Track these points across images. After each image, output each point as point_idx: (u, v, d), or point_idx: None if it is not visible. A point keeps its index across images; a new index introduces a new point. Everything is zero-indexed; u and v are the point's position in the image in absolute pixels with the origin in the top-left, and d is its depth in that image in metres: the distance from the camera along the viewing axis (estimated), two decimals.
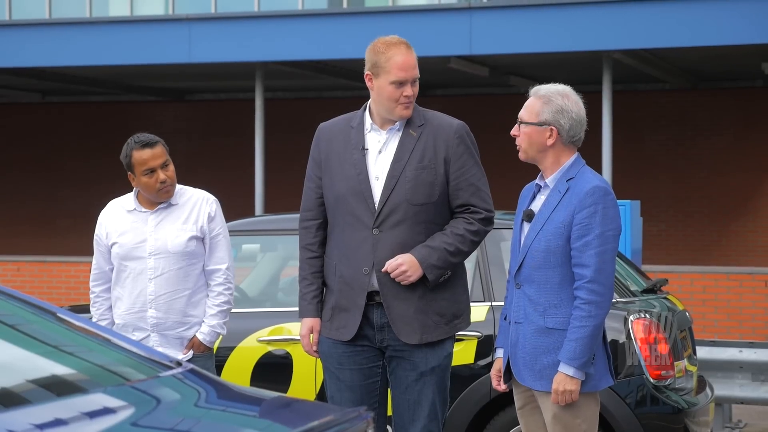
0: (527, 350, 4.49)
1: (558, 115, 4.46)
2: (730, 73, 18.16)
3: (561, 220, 4.42)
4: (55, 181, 22.18)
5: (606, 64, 14.43)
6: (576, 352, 4.35)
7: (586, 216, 4.38)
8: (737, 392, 8.51)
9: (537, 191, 4.59)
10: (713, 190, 19.23)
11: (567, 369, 4.38)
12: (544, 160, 4.52)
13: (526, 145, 4.52)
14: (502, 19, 14.45)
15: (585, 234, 4.38)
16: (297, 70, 16.49)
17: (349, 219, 4.72)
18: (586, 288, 4.37)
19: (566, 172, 4.50)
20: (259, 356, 6.46)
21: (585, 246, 4.38)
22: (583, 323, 4.35)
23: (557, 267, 4.43)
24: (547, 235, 4.44)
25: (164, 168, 5.29)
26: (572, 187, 4.45)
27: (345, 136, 4.80)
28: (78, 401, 2.94)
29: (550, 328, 4.44)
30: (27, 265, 16.04)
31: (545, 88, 4.54)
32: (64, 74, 17.92)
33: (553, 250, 4.43)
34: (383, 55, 4.71)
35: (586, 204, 4.39)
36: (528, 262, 4.48)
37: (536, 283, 4.46)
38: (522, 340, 4.50)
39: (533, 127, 4.49)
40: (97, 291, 5.46)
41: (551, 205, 4.47)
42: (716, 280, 13.40)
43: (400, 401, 4.79)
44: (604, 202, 4.41)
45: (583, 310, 4.36)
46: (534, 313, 4.47)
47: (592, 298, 4.36)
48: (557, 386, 4.39)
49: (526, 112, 4.53)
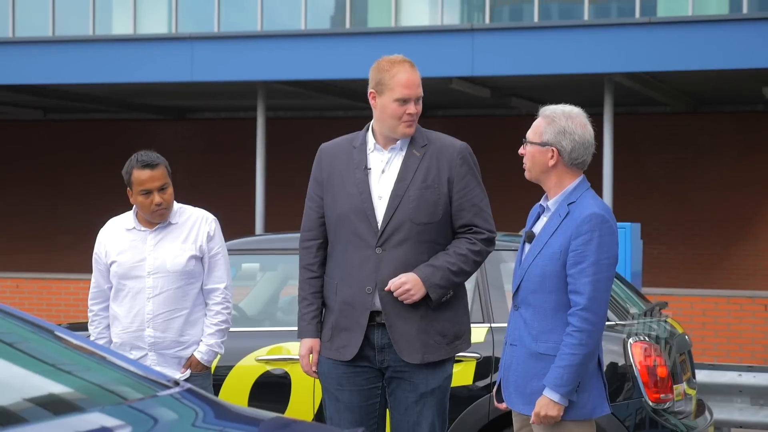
0: (519, 374, 4.48)
1: (560, 136, 4.44)
2: (731, 96, 18.20)
3: (558, 245, 4.40)
4: (55, 198, 22.19)
5: (607, 87, 14.46)
6: (563, 379, 4.33)
7: (582, 243, 4.36)
8: (736, 416, 8.49)
9: (541, 212, 4.59)
10: (714, 213, 19.23)
11: (552, 395, 4.36)
12: (547, 180, 4.51)
13: (530, 165, 4.52)
14: (503, 41, 14.49)
15: (580, 261, 4.36)
16: (299, 90, 16.52)
17: (351, 238, 4.72)
18: (579, 315, 4.34)
19: (568, 196, 4.48)
20: (257, 375, 6.45)
21: (580, 273, 4.35)
22: (573, 351, 4.32)
23: (552, 292, 4.41)
24: (544, 259, 4.43)
25: (162, 191, 5.28)
26: (572, 212, 4.43)
27: (347, 155, 4.81)
28: (75, 420, 2.93)
29: (541, 353, 4.41)
30: (26, 282, 16.03)
31: (551, 109, 4.53)
32: (66, 92, 17.95)
33: (549, 275, 4.41)
34: (387, 73, 4.72)
35: (582, 231, 4.37)
36: (525, 285, 4.48)
37: (532, 306, 4.45)
38: (515, 364, 4.49)
39: (536, 147, 4.48)
40: (96, 309, 5.45)
41: (550, 229, 4.46)
42: (716, 304, 13.38)
43: (399, 422, 4.78)
44: (600, 230, 4.38)
45: (575, 338, 4.33)
46: (527, 337, 4.45)
47: (584, 326, 4.33)
48: (539, 410, 4.37)
49: (532, 132, 4.53)
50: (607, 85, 14.45)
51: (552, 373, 4.35)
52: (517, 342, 4.48)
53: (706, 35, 13.63)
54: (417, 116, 4.75)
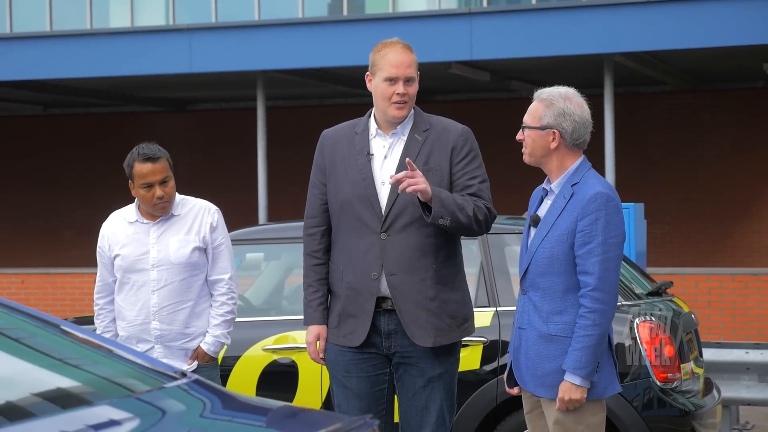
0: (530, 356, 4.48)
1: (560, 118, 4.44)
2: (731, 74, 18.17)
3: (565, 227, 4.40)
4: (58, 193, 22.20)
5: (607, 67, 14.43)
6: (582, 361, 4.33)
7: (589, 223, 4.36)
8: (744, 394, 8.49)
9: (544, 195, 4.58)
10: (717, 191, 19.22)
11: (573, 378, 4.36)
12: (549, 163, 4.50)
13: (531, 149, 4.50)
14: (502, 24, 14.46)
15: (588, 241, 4.36)
16: (298, 78, 16.50)
17: (355, 224, 4.72)
18: (590, 296, 4.34)
19: (571, 177, 4.48)
20: (264, 365, 6.46)
21: (588, 254, 4.35)
22: (587, 332, 4.32)
23: (561, 274, 4.41)
24: (551, 241, 4.43)
25: (163, 184, 5.27)
26: (576, 193, 4.43)
27: (349, 141, 4.80)
28: (83, 414, 2.94)
29: (552, 335, 4.42)
30: (31, 278, 16.05)
31: (548, 91, 4.52)
32: (66, 86, 17.94)
33: (558, 257, 4.41)
34: (379, 54, 4.76)
35: (588, 211, 4.37)
36: (533, 269, 4.47)
37: (541, 289, 4.45)
38: (525, 346, 4.49)
39: (536, 131, 4.47)
40: (101, 303, 5.45)
41: (556, 211, 4.46)
42: (721, 282, 13.38)
43: (407, 408, 4.78)
44: (607, 209, 4.38)
45: (588, 319, 4.33)
46: (537, 320, 4.45)
47: (597, 306, 4.34)
48: (563, 395, 4.38)
49: (529, 116, 4.52)
50: (607, 66, 14.42)
51: (570, 357, 4.35)
52: (527, 325, 4.48)
53: (705, 12, 13.59)
54: (410, 99, 4.72)
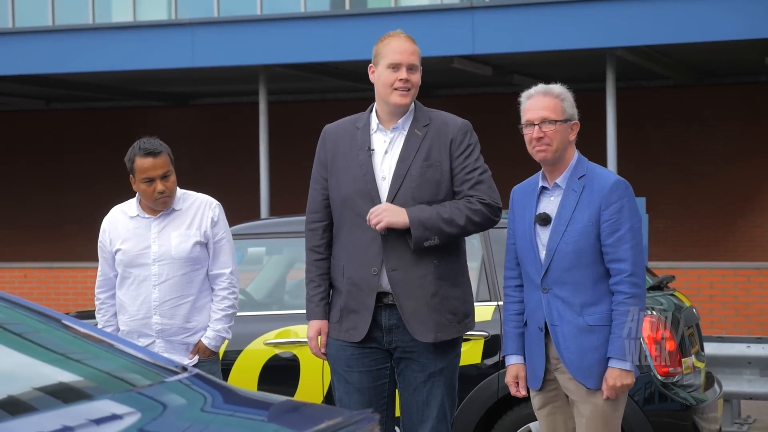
0: (572, 350, 4.51)
1: (573, 109, 4.58)
2: (734, 68, 18.14)
3: (588, 218, 4.46)
4: (60, 188, 22.21)
5: (609, 61, 14.41)
6: (629, 347, 4.42)
7: (615, 211, 4.45)
8: (746, 388, 8.49)
9: (540, 193, 4.60)
10: (719, 185, 19.20)
11: (622, 365, 4.44)
12: (564, 156, 4.57)
13: (557, 144, 4.55)
14: (504, 18, 14.44)
15: (617, 229, 4.44)
16: (300, 73, 16.49)
17: (356, 220, 4.72)
18: (627, 282, 4.43)
19: (575, 170, 4.55)
20: (266, 359, 6.46)
21: (618, 241, 4.44)
22: (631, 317, 4.41)
23: (590, 266, 4.47)
24: (574, 235, 4.47)
25: (164, 179, 5.27)
26: (588, 185, 4.50)
27: (351, 136, 4.81)
28: (85, 408, 2.95)
29: (591, 325, 4.47)
30: (34, 272, 16.06)
31: (549, 87, 4.59)
32: (68, 81, 17.94)
33: (584, 249, 4.46)
34: (382, 43, 4.79)
35: (612, 200, 4.46)
36: (557, 265, 4.50)
37: (569, 284, 4.49)
38: (563, 342, 4.51)
39: (561, 124, 4.55)
40: (103, 297, 5.46)
41: (570, 206, 4.50)
42: (723, 276, 13.37)
43: (408, 402, 4.78)
44: (628, 196, 4.50)
45: (629, 304, 4.42)
46: (570, 314, 4.49)
47: (635, 291, 4.43)
48: (614, 382, 4.44)
49: (551, 111, 4.55)
50: (609, 60, 14.40)
51: (615, 345, 4.42)
52: (558, 321, 4.51)
53: (708, 6, 13.57)
54: (413, 87, 4.73)
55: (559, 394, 4.65)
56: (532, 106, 4.58)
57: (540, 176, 4.65)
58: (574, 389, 4.56)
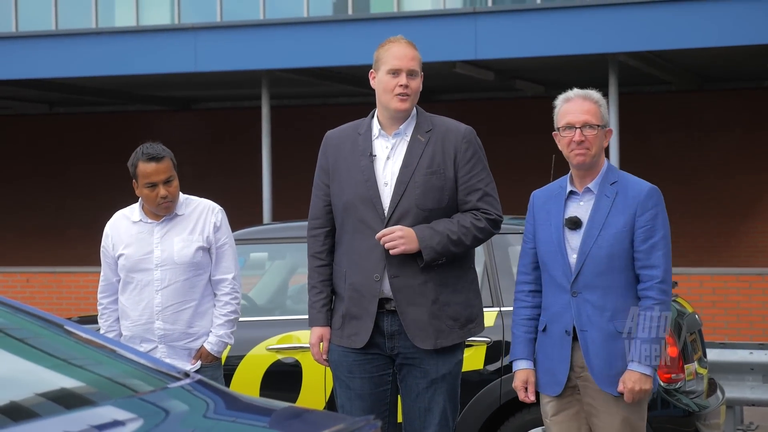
0: (600, 357, 4.51)
1: (608, 116, 4.66)
2: (736, 73, 18.14)
3: (622, 224, 4.50)
4: (63, 192, 22.22)
5: (611, 67, 14.42)
6: (652, 352, 4.45)
7: (650, 219, 4.50)
8: (748, 394, 8.48)
9: (567, 197, 4.61)
10: (721, 191, 19.20)
11: (644, 369, 4.45)
12: (598, 162, 4.61)
13: (596, 149, 4.58)
14: (506, 23, 14.45)
15: (650, 236, 4.49)
16: (303, 77, 16.50)
17: (358, 226, 4.72)
18: (657, 288, 4.47)
19: (606, 176, 4.59)
20: (268, 365, 6.46)
21: (652, 248, 4.48)
22: (657, 323, 4.46)
23: (622, 271, 4.50)
24: (608, 240, 4.49)
25: (167, 184, 5.27)
26: (621, 191, 4.55)
27: (352, 143, 4.80)
28: (87, 414, 2.95)
29: (620, 332, 4.49)
30: (37, 276, 16.06)
31: (588, 92, 4.65)
32: (71, 85, 17.96)
33: (618, 254, 4.49)
34: (383, 48, 4.79)
35: (647, 207, 4.51)
36: (588, 269, 4.50)
37: (600, 288, 4.50)
38: (592, 347, 4.51)
39: (600, 130, 4.59)
40: (105, 302, 5.46)
41: (603, 211, 4.52)
42: (726, 282, 13.36)
43: (410, 409, 4.78)
44: (662, 204, 4.57)
45: (656, 310, 4.46)
46: (600, 319, 4.49)
47: (663, 297, 4.48)
48: (633, 385, 4.45)
49: (592, 116, 4.59)
50: (611, 65, 14.41)
51: (639, 348, 4.45)
52: (587, 327, 4.51)
53: (710, 12, 13.58)
54: (412, 93, 4.73)
55: (575, 401, 4.62)
56: (572, 109, 4.59)
57: (567, 181, 4.65)
58: (600, 397, 4.55)
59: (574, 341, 4.55)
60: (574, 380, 4.59)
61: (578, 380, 4.58)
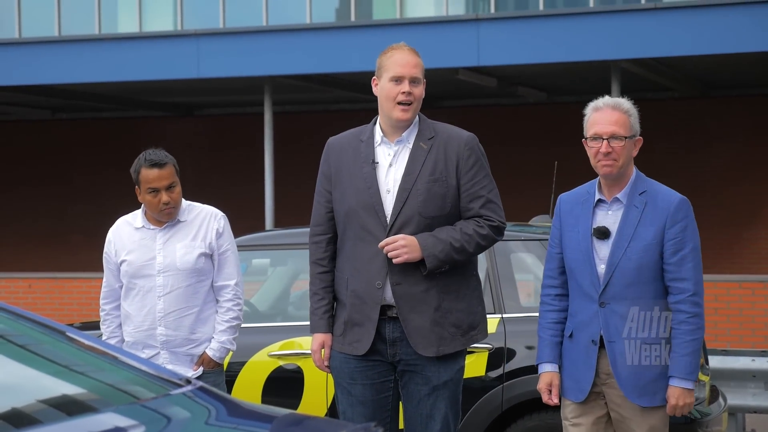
0: (630, 368, 4.51)
1: (638, 125, 4.63)
2: (739, 80, 18.15)
3: (652, 235, 4.48)
4: (65, 198, 22.23)
5: (614, 73, 14.43)
6: (692, 365, 4.45)
7: (680, 230, 4.48)
8: (750, 401, 8.47)
9: (595, 205, 4.60)
10: (724, 198, 19.18)
11: (686, 384, 4.46)
12: (626, 172, 4.59)
13: (624, 160, 4.56)
14: (509, 30, 14.47)
15: (680, 248, 4.47)
16: (305, 84, 16.51)
17: (360, 233, 4.71)
18: (690, 301, 4.45)
19: (635, 186, 4.58)
20: (270, 371, 6.46)
21: (682, 260, 4.46)
22: (693, 336, 4.44)
23: (651, 282, 4.49)
24: (638, 251, 4.48)
25: (169, 190, 5.28)
26: (650, 201, 4.53)
27: (354, 149, 4.80)
28: (89, 421, 2.95)
29: (648, 343, 4.49)
30: (39, 282, 16.06)
31: (618, 101, 4.62)
32: (74, 91, 17.98)
33: (647, 265, 4.48)
34: (385, 55, 4.78)
35: (677, 218, 4.49)
36: (617, 280, 4.50)
37: (629, 299, 4.49)
38: (620, 359, 4.51)
39: (628, 141, 4.57)
40: (107, 308, 5.46)
41: (632, 221, 4.51)
42: (728, 289, 13.35)
43: (412, 415, 4.78)
44: (691, 215, 4.54)
45: (691, 324, 4.44)
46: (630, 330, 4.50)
47: (697, 310, 4.45)
48: (676, 401, 4.47)
49: (621, 127, 4.57)
50: (614, 72, 14.42)
51: (679, 364, 4.45)
52: (615, 338, 4.50)
53: (713, 19, 13.58)
54: (415, 101, 4.71)
55: (597, 407, 4.62)
56: (600, 119, 4.57)
57: (595, 188, 4.63)
58: (627, 406, 4.55)
59: (601, 348, 4.56)
60: (600, 386, 4.60)
61: (604, 386, 4.59)
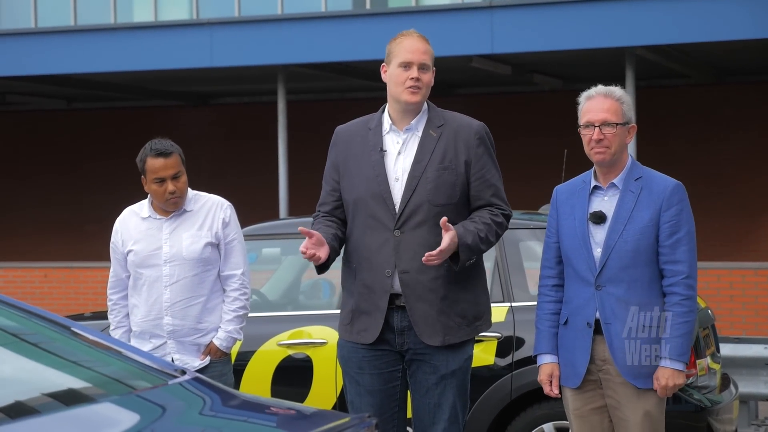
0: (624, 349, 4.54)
1: (631, 112, 4.67)
2: (755, 66, 18.04)
3: (648, 219, 4.55)
4: (81, 187, 22.30)
5: (629, 60, 14.37)
6: (683, 347, 4.49)
7: (675, 214, 4.56)
8: (762, 389, 8.45)
9: (590, 192, 4.65)
10: (740, 185, 19.09)
11: (677, 365, 4.50)
12: (621, 158, 4.64)
13: (616, 147, 4.61)
14: (523, 17, 14.41)
15: (675, 231, 4.54)
16: (319, 72, 16.50)
17: (369, 221, 4.70)
18: (684, 284, 4.52)
19: (630, 172, 4.63)
20: (279, 360, 6.46)
21: (677, 243, 4.54)
22: (686, 318, 4.50)
23: (647, 265, 4.54)
24: (634, 234, 4.54)
25: (175, 179, 5.28)
26: (645, 186, 4.59)
27: (363, 138, 4.79)
28: (85, 411, 2.96)
29: (644, 325, 4.52)
30: (54, 271, 16.12)
31: (610, 89, 4.66)
32: (89, 81, 18.02)
33: (643, 248, 4.53)
34: (394, 42, 4.78)
35: (673, 202, 4.57)
36: (613, 263, 4.54)
37: (625, 282, 4.54)
38: (617, 340, 4.53)
39: (621, 127, 4.61)
40: (115, 298, 5.47)
41: (628, 206, 4.57)
42: (743, 276, 13.30)
43: (420, 404, 4.77)
44: (686, 200, 4.62)
45: (685, 306, 4.50)
46: (624, 312, 4.53)
47: (691, 293, 4.52)
48: (666, 382, 4.51)
49: (612, 114, 4.61)
50: (629, 59, 14.35)
51: (672, 344, 4.49)
52: (612, 320, 4.54)
53: (728, 5, 13.50)
54: (423, 86, 4.70)
55: (597, 396, 4.64)
56: (593, 107, 4.63)
57: (591, 176, 4.69)
58: (622, 391, 4.57)
59: (596, 334, 4.58)
60: (596, 374, 4.62)
61: (600, 374, 4.61)
